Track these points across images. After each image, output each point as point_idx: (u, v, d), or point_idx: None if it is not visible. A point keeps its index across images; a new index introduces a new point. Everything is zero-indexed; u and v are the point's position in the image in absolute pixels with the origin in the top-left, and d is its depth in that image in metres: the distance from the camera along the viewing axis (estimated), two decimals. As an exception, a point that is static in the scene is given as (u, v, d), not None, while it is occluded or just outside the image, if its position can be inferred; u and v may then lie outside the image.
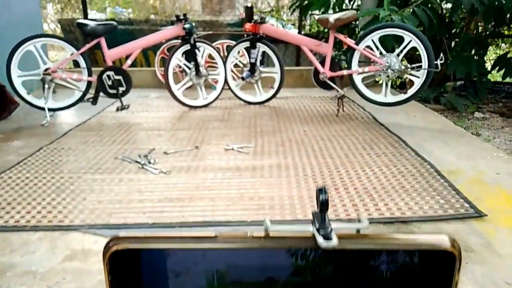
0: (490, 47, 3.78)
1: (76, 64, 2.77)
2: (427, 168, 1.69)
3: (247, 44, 2.88)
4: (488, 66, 3.46)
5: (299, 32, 4.44)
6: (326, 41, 2.67)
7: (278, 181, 1.60)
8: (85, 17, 4.23)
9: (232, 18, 4.37)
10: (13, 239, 1.22)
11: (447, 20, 3.14)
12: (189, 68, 2.82)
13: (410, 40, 2.32)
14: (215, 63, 2.92)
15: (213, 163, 1.83)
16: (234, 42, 3.73)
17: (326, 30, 3.49)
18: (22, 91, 2.55)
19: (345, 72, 2.60)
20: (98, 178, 1.66)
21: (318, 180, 1.61)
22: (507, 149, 2.11)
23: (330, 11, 3.62)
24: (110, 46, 2.59)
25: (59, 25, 4.40)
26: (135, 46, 2.65)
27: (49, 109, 2.54)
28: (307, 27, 4.81)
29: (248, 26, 2.78)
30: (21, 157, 1.92)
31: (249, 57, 2.88)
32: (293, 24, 4.68)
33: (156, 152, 1.98)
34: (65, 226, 1.27)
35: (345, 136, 2.21)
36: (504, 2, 2.65)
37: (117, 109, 2.59)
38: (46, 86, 2.51)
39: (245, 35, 3.03)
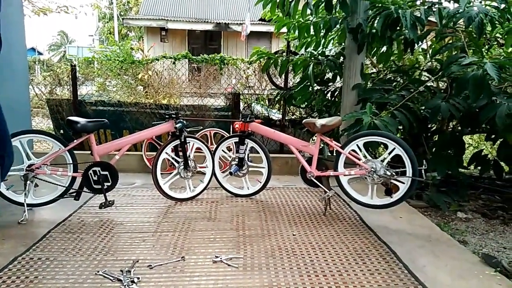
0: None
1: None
2: (422, 295, 1.65)
3: (236, 139, 2.94)
4: (465, 160, 3.62)
5: (283, 118, 4.61)
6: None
7: (272, 312, 1.51)
8: (75, 97, 4.28)
9: (219, 104, 4.51)
10: None
11: (424, 120, 3.33)
12: (178, 162, 2.82)
13: (394, 148, 2.43)
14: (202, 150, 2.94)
15: (201, 282, 1.73)
16: (221, 130, 3.83)
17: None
18: (2, 187, 2.45)
19: (331, 173, 2.65)
20: (76, 304, 1.53)
21: (313, 310, 1.53)
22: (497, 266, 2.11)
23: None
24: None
25: (46, 105, 4.41)
26: (124, 142, 2.65)
27: (28, 205, 2.43)
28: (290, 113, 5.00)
29: (237, 125, 2.86)
30: (-9, 272, 1.77)
31: (237, 152, 2.92)
32: (278, 110, 4.87)
33: (140, 265, 1.87)
34: None
35: (335, 244, 2.18)
36: (477, 110, 2.84)
37: (101, 206, 2.50)
38: (28, 182, 2.42)
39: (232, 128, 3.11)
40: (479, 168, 3.46)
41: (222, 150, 3.02)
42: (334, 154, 2.68)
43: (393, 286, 1.73)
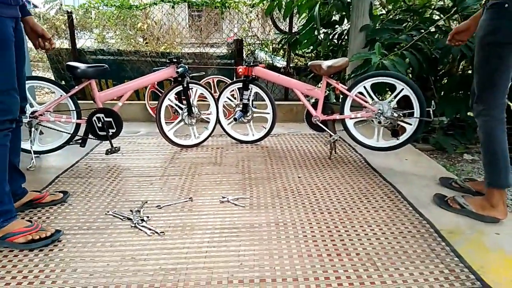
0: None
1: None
2: (427, 228, 1.68)
3: (239, 84, 2.87)
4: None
5: (288, 65, 4.49)
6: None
7: (278, 245, 1.55)
8: (73, 46, 4.17)
9: (222, 51, 4.38)
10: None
11: (434, 61, 3.22)
12: (181, 109, 2.79)
13: (402, 89, 2.36)
14: (207, 98, 2.90)
15: (209, 220, 1.77)
16: (225, 78, 3.74)
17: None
18: (6, 134, 2.45)
19: (337, 116, 2.61)
20: (89, 241, 1.58)
21: (319, 243, 1.57)
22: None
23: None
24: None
25: (46, 56, 4.31)
26: (126, 88, 2.60)
27: (35, 152, 2.45)
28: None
29: (241, 69, 2.78)
30: (4, 214, 1.81)
31: (242, 98, 2.87)
32: (283, 56, 4.73)
33: (148, 206, 1.91)
34: (55, 309, 1.18)
35: (340, 185, 2.20)
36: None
37: (107, 152, 2.51)
38: (33, 129, 2.42)
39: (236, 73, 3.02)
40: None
41: (227, 97, 2.96)
42: (340, 99, 2.62)
43: (397, 221, 1.76)
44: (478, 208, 1.79)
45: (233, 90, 3.02)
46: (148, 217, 1.78)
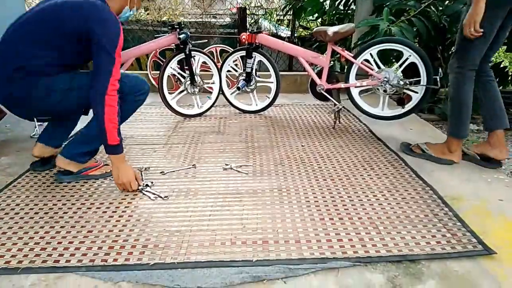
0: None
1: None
2: (430, 194, 1.68)
3: (242, 53, 2.82)
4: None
5: (292, 35, 4.39)
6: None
7: (281, 210, 1.56)
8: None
9: (224, 20, 4.28)
10: (3, 285, 1.15)
11: (442, 30, 3.13)
12: (184, 77, 2.75)
13: (410, 56, 2.30)
14: (209, 68, 2.85)
15: (212, 186, 1.78)
16: (228, 47, 3.67)
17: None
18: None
19: (342, 85, 2.57)
20: (94, 205, 1.59)
21: (321, 208, 1.58)
22: (506, 169, 2.12)
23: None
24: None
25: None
26: (128, 55, 2.55)
27: (38, 120, 2.44)
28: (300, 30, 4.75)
29: (244, 36, 2.71)
30: (10, 178, 1.83)
31: (245, 67, 2.82)
32: (287, 26, 4.62)
33: (152, 172, 1.92)
34: (61, 268, 1.21)
35: (344, 153, 2.19)
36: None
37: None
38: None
39: (239, 41, 2.95)
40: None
41: (230, 66, 2.91)
42: (346, 67, 2.56)
43: (400, 188, 1.76)
44: (437, 153, 2.05)
45: (236, 60, 2.96)
46: (152, 182, 1.79)
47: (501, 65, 3.31)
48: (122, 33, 1.60)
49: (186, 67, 2.70)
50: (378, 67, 2.44)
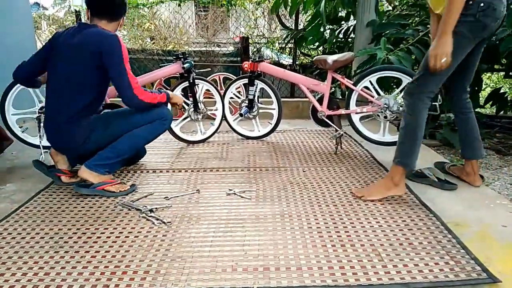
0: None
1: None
2: (433, 221, 1.68)
3: (245, 80, 2.89)
4: (481, 99, 3.52)
5: (294, 62, 4.49)
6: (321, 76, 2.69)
7: (283, 236, 1.56)
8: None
9: (228, 49, 4.41)
10: (8, 311, 1.15)
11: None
12: (188, 105, 2.81)
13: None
14: (213, 95, 2.91)
15: (215, 211, 1.79)
16: (231, 75, 3.76)
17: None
18: (16, 129, 2.51)
19: (343, 111, 2.62)
20: (98, 230, 1.60)
21: (323, 234, 1.58)
22: (509, 195, 2.11)
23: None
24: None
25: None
26: (133, 84, 2.62)
27: (44, 147, 2.49)
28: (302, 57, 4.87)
29: (246, 65, 2.79)
30: (14, 205, 1.85)
31: (247, 94, 2.88)
32: (289, 54, 4.74)
33: (156, 197, 1.94)
34: (64, 294, 1.21)
35: (346, 178, 2.20)
36: (497, 42, 2.72)
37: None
38: (42, 124, 2.46)
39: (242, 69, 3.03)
40: (495, 106, 3.39)
41: (232, 93, 2.98)
42: (346, 94, 2.62)
43: (403, 214, 1.76)
44: (380, 189, 1.91)
45: (239, 87, 3.04)
46: (156, 208, 1.80)
47: (501, 91, 3.36)
48: (123, 44, 1.93)
49: (190, 95, 2.77)
50: (378, 93, 2.49)
